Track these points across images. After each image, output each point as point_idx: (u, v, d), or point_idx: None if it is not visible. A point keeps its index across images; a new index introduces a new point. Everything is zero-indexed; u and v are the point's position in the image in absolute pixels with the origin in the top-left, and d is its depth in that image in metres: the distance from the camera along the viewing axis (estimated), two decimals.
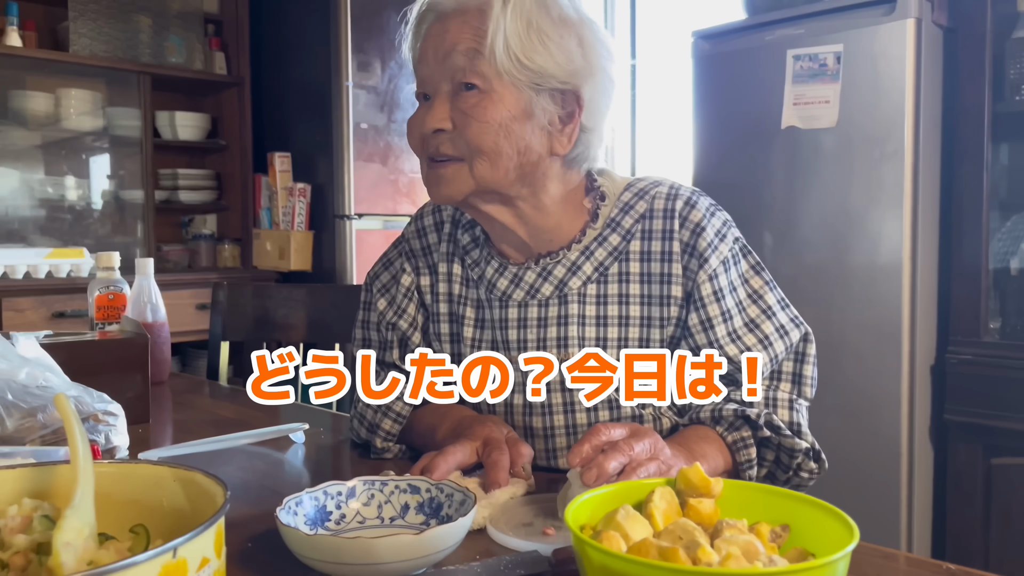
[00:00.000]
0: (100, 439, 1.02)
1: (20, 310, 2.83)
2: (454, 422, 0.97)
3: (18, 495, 0.60)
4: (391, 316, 1.10)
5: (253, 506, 0.86)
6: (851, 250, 2.17)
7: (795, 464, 0.95)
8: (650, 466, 0.77)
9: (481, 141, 0.91)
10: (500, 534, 0.75)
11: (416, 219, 1.13)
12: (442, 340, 1.07)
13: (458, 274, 1.07)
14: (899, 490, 2.10)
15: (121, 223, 3.51)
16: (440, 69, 0.92)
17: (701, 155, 2.50)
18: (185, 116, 3.60)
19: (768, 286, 1.01)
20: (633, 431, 0.81)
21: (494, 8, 0.89)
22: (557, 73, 0.91)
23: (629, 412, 0.99)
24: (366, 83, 3.37)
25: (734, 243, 1.01)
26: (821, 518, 0.62)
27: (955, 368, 2.09)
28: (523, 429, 1.02)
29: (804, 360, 1.00)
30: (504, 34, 0.89)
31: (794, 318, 1.01)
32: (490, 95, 0.90)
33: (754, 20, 2.38)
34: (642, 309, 0.99)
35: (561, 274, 1.00)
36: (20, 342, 1.00)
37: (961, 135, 2.10)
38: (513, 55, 0.89)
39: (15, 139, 3.26)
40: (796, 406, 0.98)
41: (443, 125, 0.92)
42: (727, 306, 0.98)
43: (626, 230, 1.00)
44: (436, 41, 0.93)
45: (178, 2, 3.53)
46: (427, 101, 0.95)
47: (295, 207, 3.43)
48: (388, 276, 1.12)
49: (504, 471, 0.84)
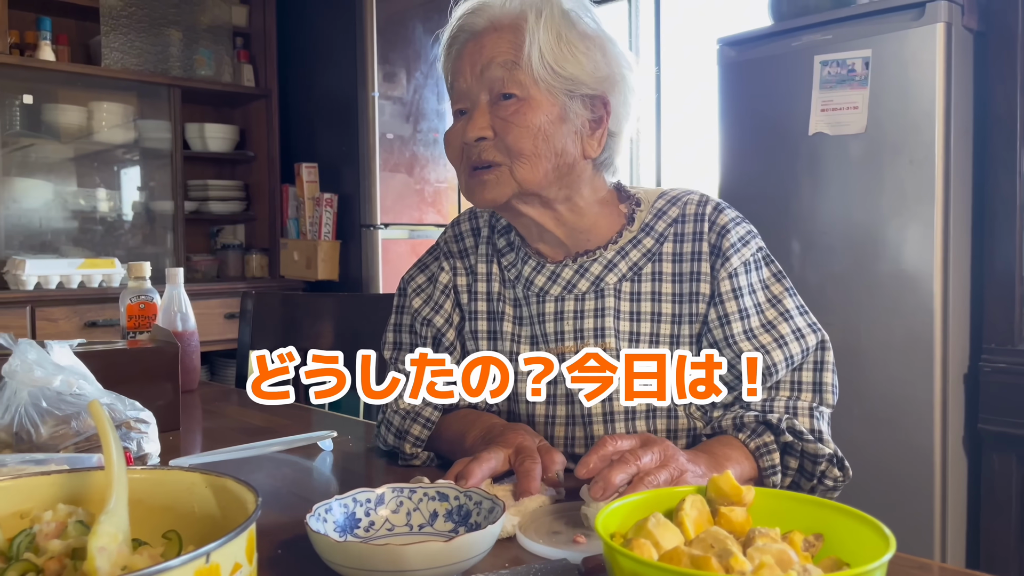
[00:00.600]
0: (132, 446, 1.03)
1: (53, 320, 2.88)
2: (484, 429, 0.97)
3: (53, 501, 0.60)
4: (427, 312, 1.12)
5: (283, 513, 0.86)
6: (880, 258, 2.15)
7: (819, 471, 0.95)
8: (660, 475, 0.77)
9: (522, 145, 0.96)
10: (530, 542, 0.75)
11: (453, 225, 1.18)
12: (478, 338, 1.10)
13: (496, 274, 1.10)
14: (932, 500, 2.07)
15: (151, 234, 3.56)
16: (478, 82, 0.98)
17: (727, 163, 2.49)
18: (214, 128, 3.65)
19: (788, 292, 1.03)
20: (643, 441, 0.81)
21: (528, 22, 0.96)
22: (587, 80, 0.98)
23: (665, 425, 0.99)
24: (392, 94, 3.39)
25: (757, 251, 1.04)
26: (855, 527, 0.61)
27: (988, 377, 2.05)
28: (565, 439, 1.03)
29: (823, 368, 1.01)
30: (539, 45, 0.95)
31: (812, 324, 1.03)
32: (528, 102, 0.96)
33: (780, 27, 2.36)
34: (673, 307, 1.02)
35: (597, 271, 1.04)
36: (55, 350, 1.02)
37: (993, 140, 2.07)
38: (547, 64, 0.96)
39: (48, 152, 3.32)
40: (817, 414, 0.99)
41: (485, 133, 0.97)
42: (745, 304, 1.00)
43: (659, 233, 1.05)
44: (473, 57, 0.99)
45: (207, 16, 3.59)
46: (463, 116, 1.01)
47: (322, 217, 3.46)
48: (424, 278, 1.15)
49: (536, 480, 0.84)
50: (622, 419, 1.00)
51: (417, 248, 3.52)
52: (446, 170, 3.58)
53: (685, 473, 0.80)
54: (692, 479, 0.80)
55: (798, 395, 1.00)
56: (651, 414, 1.00)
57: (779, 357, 0.99)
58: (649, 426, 1.00)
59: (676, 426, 1.01)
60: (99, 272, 3.08)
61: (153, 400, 1.24)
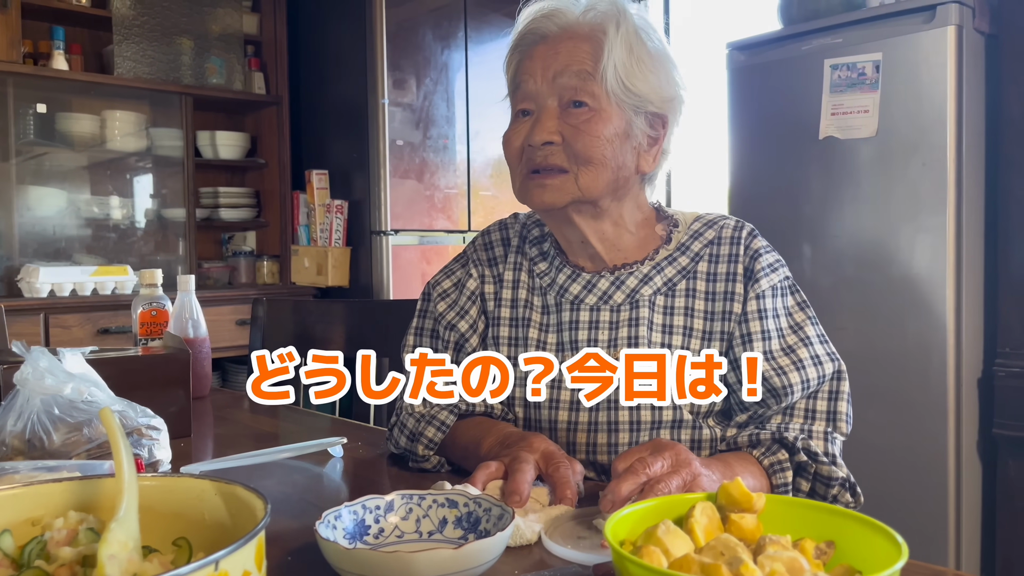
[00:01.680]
0: (144, 453, 1.03)
1: (67, 327, 2.89)
2: (500, 436, 0.97)
3: (64, 508, 0.61)
4: (452, 317, 1.13)
5: (293, 519, 0.86)
6: (892, 261, 2.14)
7: (831, 494, 0.96)
8: (672, 481, 0.78)
9: (591, 153, 0.98)
10: (556, 546, 0.75)
11: (484, 234, 1.19)
12: (500, 343, 1.10)
13: (525, 281, 1.11)
14: (947, 505, 2.05)
15: (164, 241, 3.58)
16: (549, 86, 1.00)
17: (737, 167, 2.48)
18: (225, 135, 3.67)
19: (810, 320, 1.05)
20: (654, 447, 0.82)
21: (608, 36, 0.98)
22: (653, 99, 1.01)
23: (689, 436, 1.00)
24: (402, 100, 3.40)
25: (784, 279, 1.06)
26: (867, 535, 0.60)
27: (1003, 381, 2.04)
28: (586, 446, 1.03)
29: (838, 397, 1.02)
30: (615, 60, 0.98)
31: (831, 353, 1.04)
32: (599, 113, 0.99)
33: (790, 30, 2.36)
34: (705, 323, 1.03)
35: (633, 284, 1.05)
36: (67, 358, 1.02)
37: (1006, 143, 2.06)
38: (620, 80, 0.98)
39: (62, 160, 3.35)
40: (831, 438, 1.00)
41: (553, 138, 0.99)
42: (767, 327, 1.02)
43: (695, 252, 1.07)
44: (545, 61, 1.00)
45: (218, 24, 3.61)
46: (525, 116, 1.02)
47: (332, 224, 3.47)
48: (450, 283, 1.16)
49: (573, 487, 0.85)
50: (647, 428, 1.00)
51: (427, 254, 3.52)
52: (456, 176, 3.58)
53: (699, 477, 0.80)
54: (707, 483, 0.80)
55: (812, 421, 1.01)
56: (676, 424, 1.00)
57: (796, 379, 0.99)
58: (673, 436, 1.01)
59: (699, 436, 1.01)
60: (112, 279, 3.10)
61: (165, 407, 1.25)
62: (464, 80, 3.59)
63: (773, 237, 1.13)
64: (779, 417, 1.00)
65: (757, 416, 1.02)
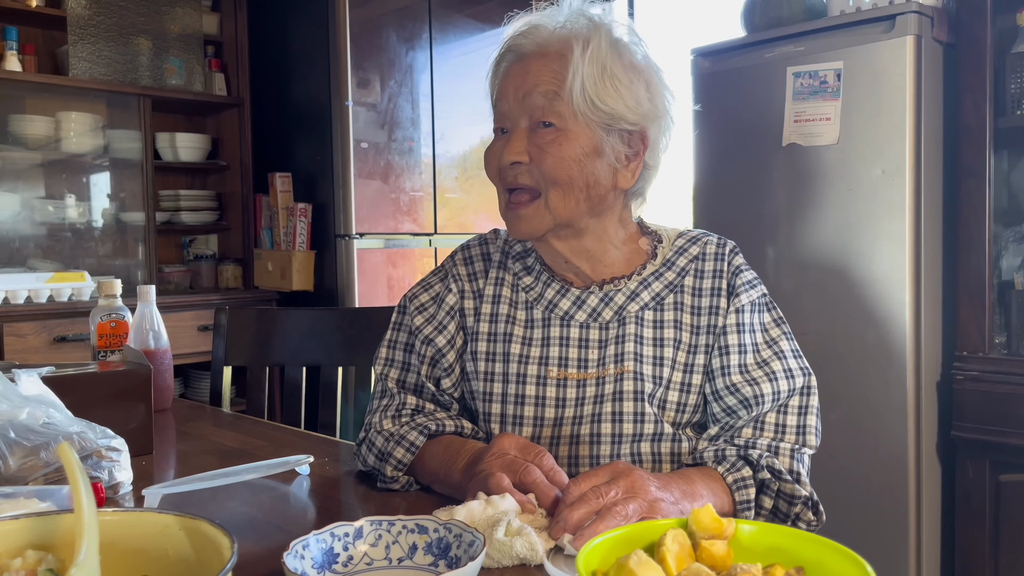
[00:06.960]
0: (104, 475, 1.01)
1: (22, 335, 2.82)
2: (470, 457, 0.96)
3: (22, 547, 0.59)
4: (429, 331, 1.12)
5: (259, 544, 0.85)
6: (854, 266, 2.17)
7: (794, 512, 0.97)
8: (628, 506, 0.78)
9: (556, 173, 0.99)
10: (556, 570, 0.74)
11: (463, 249, 1.19)
12: (477, 358, 1.09)
13: (507, 296, 1.11)
14: (907, 507, 2.09)
15: (122, 244, 3.51)
16: (520, 107, 1.00)
17: (702, 172, 2.50)
18: (185, 137, 3.61)
19: (785, 336, 1.07)
20: (611, 474, 0.82)
21: (574, 54, 0.97)
22: (626, 115, 1.00)
23: (669, 448, 1.01)
24: (365, 101, 3.37)
25: (762, 295, 1.08)
26: (835, 560, 0.61)
27: (961, 384, 2.08)
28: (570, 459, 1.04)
29: (807, 412, 1.03)
30: (581, 78, 0.97)
31: (803, 367, 1.05)
32: (565, 133, 0.98)
33: (753, 38, 2.38)
34: (691, 337, 1.05)
35: (621, 301, 1.07)
36: (22, 380, 1.00)
37: (963, 150, 2.10)
38: (588, 98, 0.97)
39: (15, 160, 3.26)
40: (797, 456, 1.01)
41: (521, 158, 1.00)
42: (744, 340, 1.04)
43: (681, 268, 1.09)
44: (517, 81, 1.01)
45: (177, 24, 3.55)
46: (504, 135, 1.03)
47: (296, 227, 3.43)
48: (428, 297, 1.15)
49: (551, 488, 0.85)
50: (628, 441, 1.01)
51: (393, 257, 3.50)
52: (421, 178, 3.56)
53: (657, 502, 0.80)
54: (666, 507, 0.81)
55: (781, 437, 1.02)
56: (656, 438, 1.01)
57: (767, 390, 1.01)
58: (653, 449, 1.01)
59: (679, 449, 1.02)
60: (68, 286, 3.02)
61: (125, 424, 1.22)
62: (429, 81, 3.57)
63: (736, 241, 1.16)
64: (749, 431, 1.01)
65: (728, 427, 1.03)
